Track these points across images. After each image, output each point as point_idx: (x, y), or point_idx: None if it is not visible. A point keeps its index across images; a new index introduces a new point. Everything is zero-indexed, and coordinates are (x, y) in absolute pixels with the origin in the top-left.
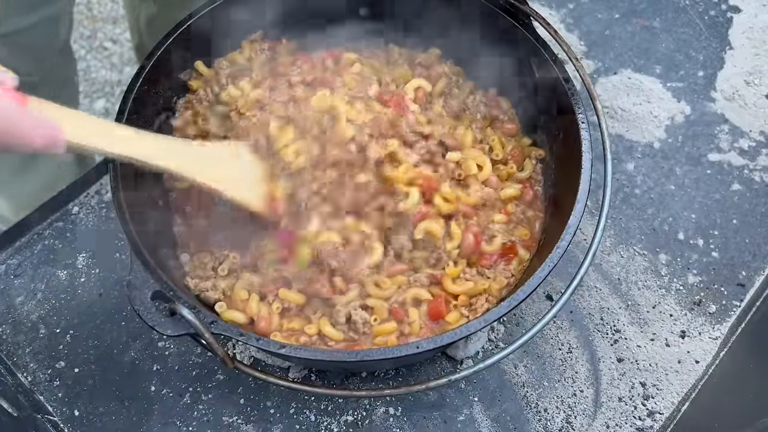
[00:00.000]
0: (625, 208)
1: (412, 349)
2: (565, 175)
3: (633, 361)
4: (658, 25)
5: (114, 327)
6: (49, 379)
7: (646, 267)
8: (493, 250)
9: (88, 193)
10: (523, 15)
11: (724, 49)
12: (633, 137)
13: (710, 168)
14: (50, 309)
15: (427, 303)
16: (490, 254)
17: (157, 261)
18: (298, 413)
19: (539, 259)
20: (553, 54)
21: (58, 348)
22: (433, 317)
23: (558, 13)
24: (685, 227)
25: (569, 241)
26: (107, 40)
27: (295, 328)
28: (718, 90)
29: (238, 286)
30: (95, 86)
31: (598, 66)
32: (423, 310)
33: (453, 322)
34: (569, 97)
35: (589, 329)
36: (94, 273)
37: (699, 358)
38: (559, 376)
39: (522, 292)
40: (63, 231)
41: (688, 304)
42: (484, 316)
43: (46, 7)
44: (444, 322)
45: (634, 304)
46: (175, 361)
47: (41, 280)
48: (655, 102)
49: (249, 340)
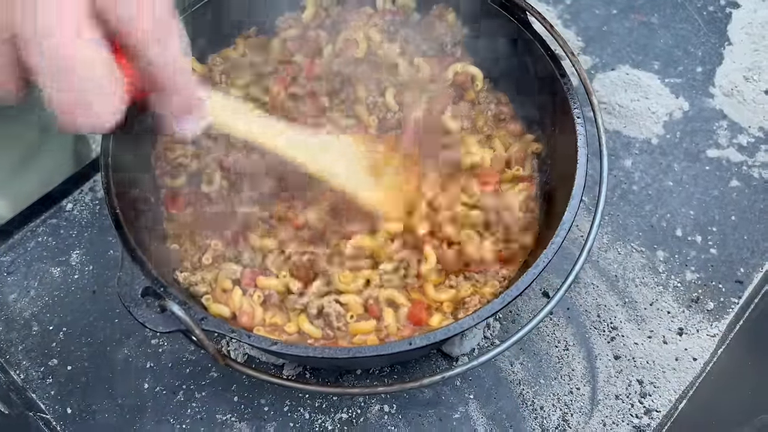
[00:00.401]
0: (623, 205)
1: (404, 345)
2: (560, 171)
3: (630, 358)
4: (657, 20)
5: (107, 324)
6: (41, 377)
7: (644, 264)
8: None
9: (82, 189)
10: (518, 10)
11: (723, 45)
12: (631, 133)
13: (709, 164)
14: (43, 306)
15: (407, 308)
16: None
17: (149, 257)
18: (292, 411)
19: (534, 256)
20: (549, 49)
21: (51, 345)
22: (414, 323)
23: (555, 9)
24: (683, 224)
25: (564, 237)
26: None
27: (278, 324)
28: (716, 86)
29: (221, 276)
30: None
31: (595, 62)
32: (402, 313)
33: (436, 325)
34: (565, 93)
35: (585, 326)
36: (87, 270)
37: (697, 355)
38: (555, 373)
39: (516, 288)
40: (56, 228)
41: (686, 301)
42: (478, 312)
43: None
44: (427, 327)
45: (632, 301)
46: (168, 359)
47: (34, 277)
48: (653, 98)
49: (240, 337)
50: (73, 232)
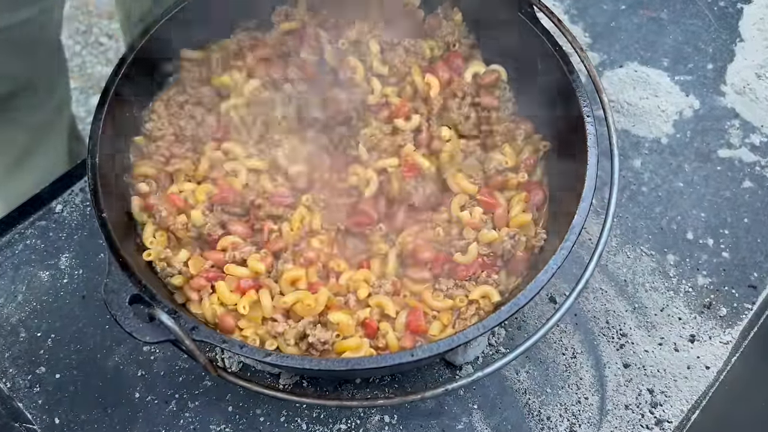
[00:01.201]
0: (632, 207)
1: (406, 357)
2: (568, 172)
3: (640, 366)
4: (666, 16)
5: (97, 331)
6: (29, 386)
7: (654, 268)
8: (469, 262)
9: (73, 190)
10: (525, 4)
11: (734, 41)
12: (640, 132)
13: (720, 164)
14: (31, 311)
15: (404, 317)
16: (466, 266)
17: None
18: (289, 421)
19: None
20: (558, 45)
21: (38, 352)
22: (413, 331)
23: (562, 4)
24: (694, 226)
25: (574, 242)
26: (103, 36)
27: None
28: (728, 83)
29: (192, 263)
30: (91, 82)
31: (603, 58)
32: (401, 323)
33: (437, 334)
34: (574, 90)
35: (594, 333)
36: (77, 274)
37: (709, 363)
38: (562, 382)
39: (523, 297)
40: (45, 230)
41: (698, 306)
42: (483, 322)
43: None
44: (427, 336)
45: (641, 306)
46: (160, 367)
47: (22, 281)
48: (663, 96)
49: (232, 348)
50: (62, 234)
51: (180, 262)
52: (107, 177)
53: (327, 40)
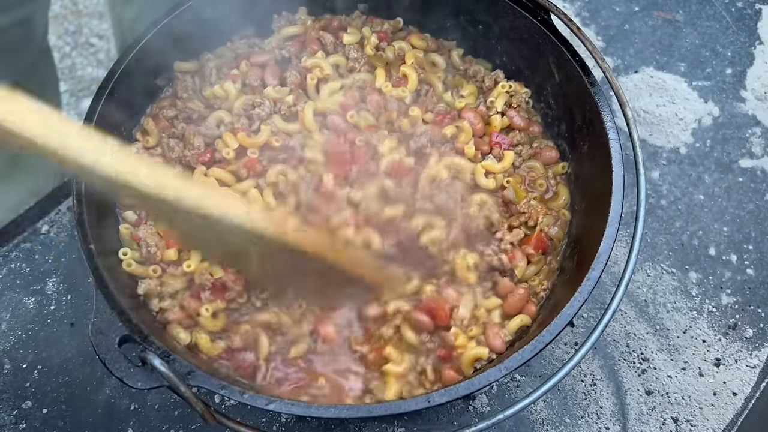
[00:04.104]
0: (651, 221)
1: (422, 403)
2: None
3: (663, 393)
4: (682, 18)
5: (87, 361)
6: (14, 421)
7: (675, 287)
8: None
9: (59, 209)
10: (541, 11)
11: (754, 44)
12: (657, 142)
13: (742, 175)
14: (16, 341)
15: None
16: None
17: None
18: None
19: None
20: (577, 55)
21: (24, 386)
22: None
23: (572, 6)
24: (716, 241)
25: (601, 271)
26: (93, 36)
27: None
28: (748, 89)
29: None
30: (81, 84)
31: (617, 63)
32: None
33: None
34: (596, 104)
35: (614, 358)
36: (65, 300)
37: (737, 389)
38: (582, 411)
39: (549, 333)
40: (31, 253)
41: (723, 327)
42: (505, 363)
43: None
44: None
45: (663, 328)
46: (155, 399)
47: (6, 308)
48: (681, 103)
49: (232, 394)
50: (49, 257)
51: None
52: (95, 204)
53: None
